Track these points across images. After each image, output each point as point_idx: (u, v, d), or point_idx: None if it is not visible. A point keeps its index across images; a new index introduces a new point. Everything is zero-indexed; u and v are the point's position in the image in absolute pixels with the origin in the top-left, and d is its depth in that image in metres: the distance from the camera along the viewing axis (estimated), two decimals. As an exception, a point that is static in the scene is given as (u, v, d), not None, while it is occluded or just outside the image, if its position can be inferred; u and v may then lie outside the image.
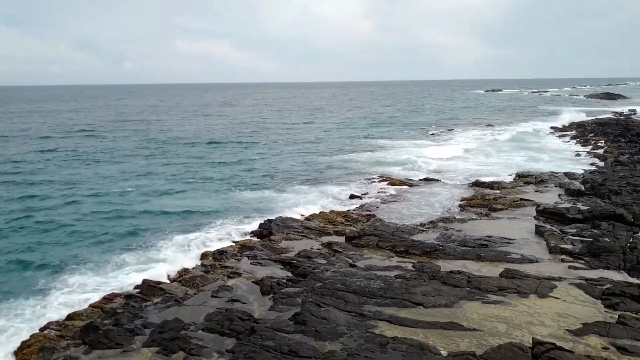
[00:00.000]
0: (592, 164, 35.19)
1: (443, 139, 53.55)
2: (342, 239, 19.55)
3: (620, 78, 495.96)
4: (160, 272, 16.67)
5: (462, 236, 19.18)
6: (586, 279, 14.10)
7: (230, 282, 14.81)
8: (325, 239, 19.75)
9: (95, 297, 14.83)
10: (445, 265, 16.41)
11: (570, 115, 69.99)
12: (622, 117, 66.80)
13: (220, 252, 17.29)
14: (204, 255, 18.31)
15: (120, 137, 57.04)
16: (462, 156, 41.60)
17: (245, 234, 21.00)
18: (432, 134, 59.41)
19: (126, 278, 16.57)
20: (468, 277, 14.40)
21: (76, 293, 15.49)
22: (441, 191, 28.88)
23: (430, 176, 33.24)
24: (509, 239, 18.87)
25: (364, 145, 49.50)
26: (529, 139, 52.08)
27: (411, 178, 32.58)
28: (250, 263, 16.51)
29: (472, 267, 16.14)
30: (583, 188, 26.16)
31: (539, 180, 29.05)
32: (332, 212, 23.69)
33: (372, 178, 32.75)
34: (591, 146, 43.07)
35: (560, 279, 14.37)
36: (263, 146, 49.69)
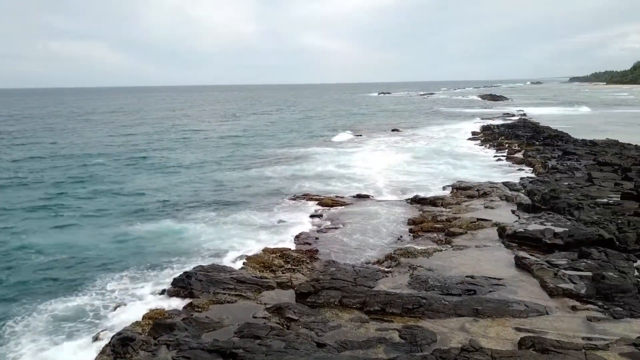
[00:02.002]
0: (519, 170, 34.00)
1: (354, 147, 50.57)
2: (289, 294, 14.84)
3: (494, 80, 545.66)
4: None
5: (440, 279, 15.38)
6: (634, 345, 10.82)
7: (146, 407, 9.35)
8: (268, 295, 14.88)
9: None
10: (439, 329, 12.46)
11: (475, 118, 71.47)
12: (527, 119, 69.03)
13: (124, 342, 11.55)
14: (97, 339, 12.54)
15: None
16: (382, 165, 38.57)
17: (155, 295, 15.31)
18: (341, 141, 56.38)
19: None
20: (492, 356, 10.43)
21: None
22: (379, 210, 25.17)
23: (357, 191, 29.65)
24: (495, 278, 15.44)
25: (275, 156, 44.76)
26: (441, 143, 50.90)
27: (340, 195, 28.63)
28: (173, 358, 11.06)
29: (475, 330, 12.32)
30: (530, 201, 24.04)
31: (481, 193, 26.57)
32: (265, 250, 18.74)
33: (297, 198, 28.23)
34: (507, 150, 42.51)
35: (598, 344, 10.99)
36: (155, 161, 42.34)
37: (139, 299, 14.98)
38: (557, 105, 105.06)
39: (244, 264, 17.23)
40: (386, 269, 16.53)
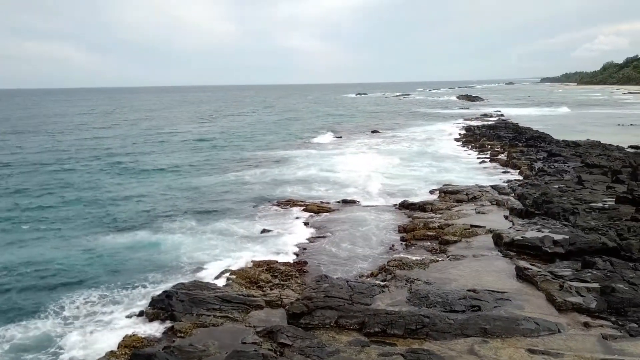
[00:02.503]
0: (505, 172, 33.48)
1: (335, 149, 49.56)
2: (280, 313, 13.64)
3: (468, 81, 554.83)
4: None
5: (440, 294, 14.35)
6: (662, 368, 9.98)
7: None
8: (256, 316, 13.63)
9: None
10: (446, 352, 11.43)
11: (455, 119, 71.20)
12: (506, 120, 68.97)
13: (95, 379, 10.16)
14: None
15: None
16: (365, 169, 37.54)
17: (131, 318, 13.85)
18: (321, 143, 55.29)
19: None
20: (511, 387, 9.43)
21: None
22: (367, 217, 24.14)
23: (341, 195, 28.64)
24: (498, 292, 14.50)
25: (255, 159, 43.36)
26: (423, 145, 50.23)
27: (325, 200, 27.52)
28: (152, 397, 9.73)
29: (485, 353, 11.32)
30: (522, 206, 23.35)
31: (471, 197, 25.78)
32: (253, 263, 17.47)
33: (281, 204, 26.98)
34: (489, 151, 42.05)
35: (622, 368, 10.12)
36: (128, 166, 40.21)
37: (113, 324, 13.49)
38: (533, 106, 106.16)
39: (228, 279, 15.92)
40: (382, 283, 15.43)
